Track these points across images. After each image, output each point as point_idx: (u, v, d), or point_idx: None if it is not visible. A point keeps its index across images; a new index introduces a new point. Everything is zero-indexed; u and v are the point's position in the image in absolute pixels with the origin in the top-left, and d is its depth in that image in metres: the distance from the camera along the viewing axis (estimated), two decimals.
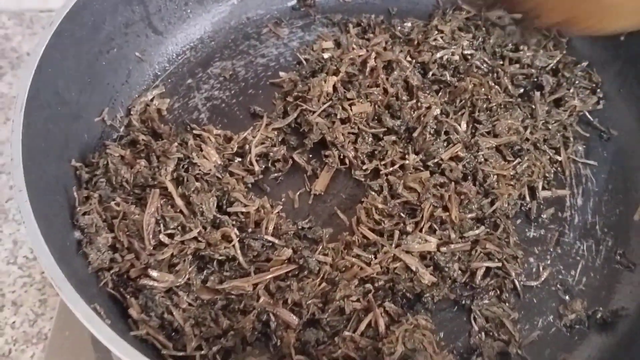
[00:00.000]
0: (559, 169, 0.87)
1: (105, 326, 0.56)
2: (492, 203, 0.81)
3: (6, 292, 0.89)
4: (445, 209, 0.79)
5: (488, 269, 0.77)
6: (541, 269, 0.79)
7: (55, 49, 0.75)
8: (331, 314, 0.72)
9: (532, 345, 0.73)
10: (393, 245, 0.75)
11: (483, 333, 0.74)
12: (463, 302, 0.76)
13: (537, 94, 0.91)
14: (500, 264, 0.76)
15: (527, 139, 0.86)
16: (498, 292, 0.77)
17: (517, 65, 0.95)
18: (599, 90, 0.94)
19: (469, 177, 0.84)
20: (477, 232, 0.78)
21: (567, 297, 0.77)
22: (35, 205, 0.63)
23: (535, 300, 0.77)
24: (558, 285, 0.78)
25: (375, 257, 0.75)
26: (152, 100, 0.92)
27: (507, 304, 0.76)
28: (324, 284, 0.74)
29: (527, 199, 0.84)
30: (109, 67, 0.88)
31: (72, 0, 0.78)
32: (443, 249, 0.76)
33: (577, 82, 0.93)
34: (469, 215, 0.79)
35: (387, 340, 0.69)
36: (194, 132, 0.85)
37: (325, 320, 0.72)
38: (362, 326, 0.71)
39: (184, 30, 1.00)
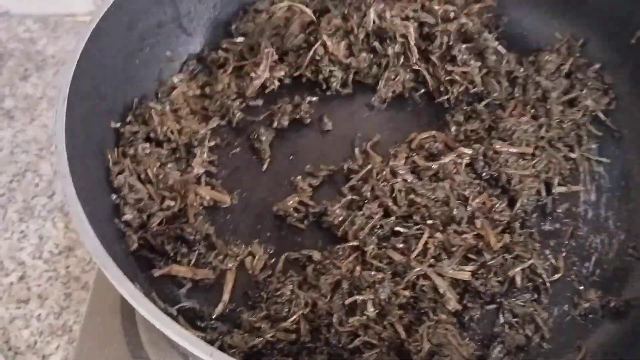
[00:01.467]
0: (573, 165, 0.89)
1: (148, 301, 0.58)
2: (510, 202, 0.83)
3: (32, 285, 0.92)
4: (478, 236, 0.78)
5: (522, 270, 0.77)
6: (557, 260, 0.81)
7: (93, 45, 0.78)
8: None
9: (548, 332, 0.75)
10: (426, 264, 0.75)
11: (507, 325, 0.75)
12: (498, 299, 0.76)
13: (553, 94, 0.92)
14: (532, 262, 0.77)
15: (542, 137, 0.88)
16: (536, 295, 0.77)
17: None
18: (610, 91, 0.95)
19: (492, 182, 0.85)
20: (506, 241, 0.78)
21: (581, 288, 0.79)
22: (78, 191, 0.66)
23: (552, 290, 0.78)
24: (573, 276, 0.80)
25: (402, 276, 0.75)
26: None
27: (540, 305, 0.77)
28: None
29: (543, 194, 0.85)
30: (142, 65, 0.91)
31: (109, 1, 0.81)
32: (479, 276, 0.76)
33: (589, 83, 0.95)
34: (499, 229, 0.80)
35: (412, 339, 0.70)
36: None
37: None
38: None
39: (211, 32, 1.03)
